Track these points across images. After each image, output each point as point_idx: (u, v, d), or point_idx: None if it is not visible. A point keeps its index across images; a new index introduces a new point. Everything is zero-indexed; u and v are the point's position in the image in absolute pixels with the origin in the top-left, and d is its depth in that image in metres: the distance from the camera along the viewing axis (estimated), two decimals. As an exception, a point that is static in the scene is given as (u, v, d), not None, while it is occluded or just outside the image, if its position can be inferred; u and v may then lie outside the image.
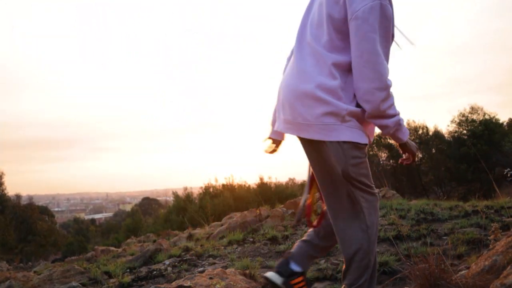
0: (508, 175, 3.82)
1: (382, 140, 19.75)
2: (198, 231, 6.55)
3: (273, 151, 1.91)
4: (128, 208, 44.80)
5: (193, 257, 3.65)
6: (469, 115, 19.10)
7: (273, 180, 14.88)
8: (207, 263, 3.40)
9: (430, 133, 20.19)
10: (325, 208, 1.68)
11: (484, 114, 18.96)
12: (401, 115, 1.50)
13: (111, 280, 3.09)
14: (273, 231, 4.40)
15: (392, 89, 1.44)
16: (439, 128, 20.27)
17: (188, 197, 14.85)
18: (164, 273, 3.09)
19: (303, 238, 1.81)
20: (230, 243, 4.26)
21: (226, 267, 2.98)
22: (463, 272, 2.14)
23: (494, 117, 18.91)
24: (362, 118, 1.49)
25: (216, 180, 15.15)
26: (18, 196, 22.49)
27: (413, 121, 20.29)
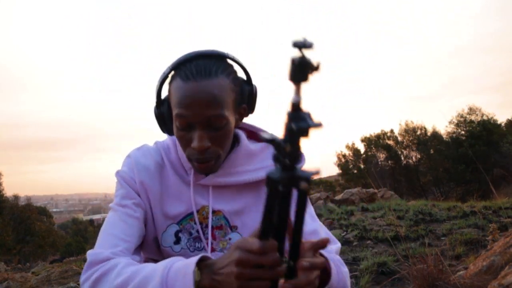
0: None
1: (381, 141, 19.79)
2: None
3: None
4: (126, 208, 44.50)
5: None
6: (467, 116, 19.15)
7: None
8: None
9: (429, 133, 20.24)
10: None
11: (482, 115, 19.02)
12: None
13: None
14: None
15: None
16: (437, 129, 20.32)
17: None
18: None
19: None
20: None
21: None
22: (461, 272, 2.14)
23: (492, 118, 18.97)
24: None
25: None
26: (16, 197, 22.39)
27: (411, 121, 20.33)
